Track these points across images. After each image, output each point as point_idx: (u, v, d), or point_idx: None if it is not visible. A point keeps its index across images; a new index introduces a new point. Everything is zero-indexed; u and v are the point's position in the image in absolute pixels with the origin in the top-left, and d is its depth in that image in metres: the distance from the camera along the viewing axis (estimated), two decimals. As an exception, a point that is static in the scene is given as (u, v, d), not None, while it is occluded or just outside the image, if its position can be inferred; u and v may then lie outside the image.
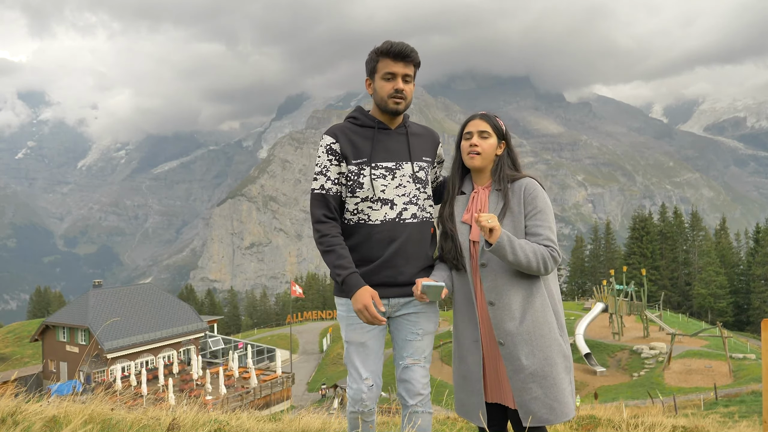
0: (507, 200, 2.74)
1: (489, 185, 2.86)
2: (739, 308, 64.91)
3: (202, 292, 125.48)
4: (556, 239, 2.70)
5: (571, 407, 2.70)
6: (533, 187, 2.75)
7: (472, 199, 2.87)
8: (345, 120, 2.88)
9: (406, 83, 2.75)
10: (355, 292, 2.61)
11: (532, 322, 2.67)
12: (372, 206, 2.74)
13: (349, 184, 2.76)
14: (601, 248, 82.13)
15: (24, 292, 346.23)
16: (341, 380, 41.47)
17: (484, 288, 2.74)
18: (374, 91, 2.78)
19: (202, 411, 3.92)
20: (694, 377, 32.96)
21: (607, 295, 45.34)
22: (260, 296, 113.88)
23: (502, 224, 2.70)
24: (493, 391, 2.82)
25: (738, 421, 11.39)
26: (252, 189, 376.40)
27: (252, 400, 33.20)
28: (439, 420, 5.96)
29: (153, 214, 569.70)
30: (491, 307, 2.72)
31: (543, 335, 2.67)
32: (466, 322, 2.84)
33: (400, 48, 2.72)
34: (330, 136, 2.77)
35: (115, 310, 40.27)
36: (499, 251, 2.57)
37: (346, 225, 2.80)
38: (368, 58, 2.77)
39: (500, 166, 2.84)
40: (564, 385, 2.69)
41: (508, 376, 2.71)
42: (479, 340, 2.78)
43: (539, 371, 2.65)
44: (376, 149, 2.77)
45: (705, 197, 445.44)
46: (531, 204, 2.72)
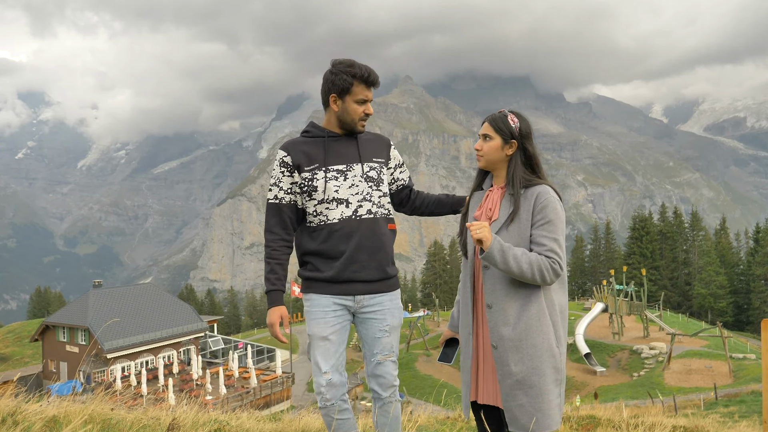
0: (517, 206, 2.71)
1: (505, 186, 2.85)
2: (739, 308, 64.92)
3: (202, 292, 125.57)
4: (563, 251, 2.67)
5: (555, 419, 2.69)
6: (546, 196, 2.70)
7: (486, 196, 2.88)
8: (300, 134, 3.06)
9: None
10: (270, 308, 2.85)
11: (525, 330, 2.66)
12: (329, 206, 2.90)
13: (305, 190, 2.92)
14: (601, 248, 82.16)
15: (24, 292, 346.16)
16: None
17: (484, 289, 2.76)
18: (342, 110, 2.93)
19: (202, 411, 3.92)
20: (694, 377, 32.96)
21: (607, 295, 45.35)
22: (260, 296, 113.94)
23: (509, 230, 2.69)
24: (488, 393, 2.83)
25: (738, 421, 11.40)
26: (252, 189, 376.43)
27: (252, 400, 33.22)
28: (439, 420, 5.96)
29: (153, 214, 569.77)
30: (489, 310, 2.73)
31: (535, 344, 2.66)
32: (466, 315, 2.89)
33: (374, 77, 2.91)
34: (283, 150, 2.96)
35: (115, 310, 40.26)
36: (489, 260, 2.60)
37: (310, 227, 2.96)
38: (338, 77, 2.88)
39: (512, 168, 2.80)
40: (550, 397, 2.68)
41: (498, 379, 2.74)
42: (472, 334, 2.84)
43: (526, 379, 2.65)
44: (328, 154, 2.93)
45: (705, 197, 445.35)
46: (540, 213, 2.68)
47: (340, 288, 2.90)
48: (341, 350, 2.93)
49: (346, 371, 3.06)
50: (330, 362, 2.88)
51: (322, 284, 2.91)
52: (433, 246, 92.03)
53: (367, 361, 3.01)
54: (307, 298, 2.98)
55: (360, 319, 2.98)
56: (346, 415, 2.92)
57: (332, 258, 2.90)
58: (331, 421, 2.90)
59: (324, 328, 2.89)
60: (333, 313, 2.91)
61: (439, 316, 61.77)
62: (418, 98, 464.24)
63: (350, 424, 2.94)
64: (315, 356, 2.91)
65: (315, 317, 2.91)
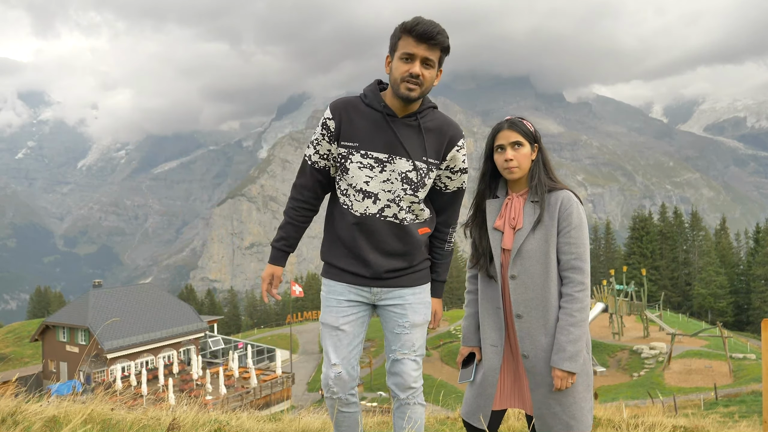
0: (542, 213, 2.66)
1: (524, 193, 2.76)
2: (739, 308, 64.90)
3: (202, 292, 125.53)
4: (587, 257, 2.66)
5: (588, 424, 2.70)
6: (569, 201, 2.66)
7: (506, 205, 2.77)
8: (359, 95, 2.68)
9: (426, 68, 2.48)
10: (268, 263, 2.80)
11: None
12: (356, 196, 2.63)
13: (338, 166, 2.67)
14: (601, 248, 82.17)
15: (24, 292, 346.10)
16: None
17: (512, 299, 2.70)
18: (390, 70, 2.54)
19: (202, 411, 3.92)
20: (694, 377, 32.93)
21: (607, 295, 45.33)
22: (260, 296, 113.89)
23: (535, 237, 2.65)
24: (505, 399, 2.82)
25: (738, 421, 11.39)
26: (252, 189, 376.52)
27: (252, 400, 33.20)
28: (439, 420, 5.96)
29: (153, 214, 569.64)
30: (518, 320, 2.69)
31: None
32: (491, 327, 2.80)
33: (425, 28, 2.42)
34: (330, 110, 2.64)
35: (115, 310, 40.26)
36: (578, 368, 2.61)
37: (336, 204, 2.74)
38: (393, 32, 2.52)
39: (536, 174, 2.72)
40: (583, 403, 2.68)
41: (530, 388, 2.71)
42: (498, 346, 2.76)
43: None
44: (372, 136, 2.58)
45: (705, 197, 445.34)
46: (566, 220, 2.64)
47: (354, 278, 2.70)
48: (355, 343, 2.73)
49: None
50: (341, 354, 2.69)
51: (338, 271, 2.73)
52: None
53: (386, 357, 2.83)
54: (324, 282, 2.81)
55: (380, 311, 2.79)
56: (352, 409, 2.78)
57: (348, 248, 2.69)
58: (334, 411, 2.78)
59: (336, 318, 2.71)
60: (347, 303, 2.72)
61: (439, 316, 61.70)
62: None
63: (353, 419, 2.81)
64: (326, 346, 2.75)
65: (329, 305, 2.75)
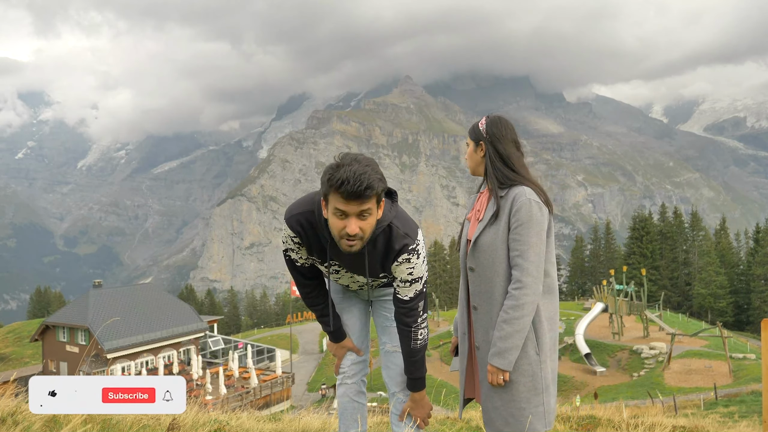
0: (497, 206, 2.71)
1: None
2: (739, 308, 64.92)
3: (202, 292, 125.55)
4: (532, 255, 2.60)
5: (531, 427, 2.67)
6: (522, 197, 2.66)
7: (478, 198, 2.94)
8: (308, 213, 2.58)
9: (362, 218, 2.35)
10: (329, 342, 2.96)
11: None
12: (332, 278, 2.83)
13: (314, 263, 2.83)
14: (601, 248, 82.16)
15: (24, 292, 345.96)
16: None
17: (470, 291, 2.78)
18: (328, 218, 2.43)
19: (202, 411, 3.92)
20: (694, 377, 32.95)
21: (607, 295, 45.36)
22: (260, 296, 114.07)
23: (489, 230, 2.71)
24: (470, 388, 2.91)
25: (738, 421, 11.40)
26: (252, 189, 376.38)
27: (252, 400, 33.22)
28: (438, 420, 5.96)
29: (153, 214, 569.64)
30: (474, 311, 2.77)
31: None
32: (460, 317, 2.93)
33: (351, 188, 2.24)
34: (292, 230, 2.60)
35: (115, 310, 40.27)
36: (507, 366, 2.61)
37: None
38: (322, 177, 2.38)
39: (488, 169, 2.81)
40: (524, 404, 2.66)
41: (479, 379, 2.79)
42: (466, 333, 2.86)
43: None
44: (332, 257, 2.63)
45: (705, 197, 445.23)
46: (514, 216, 2.66)
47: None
48: (361, 334, 2.94)
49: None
50: (354, 335, 2.92)
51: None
52: (432, 246, 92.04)
53: (380, 352, 2.97)
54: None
55: (373, 308, 2.97)
56: (360, 399, 2.92)
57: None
58: (344, 400, 2.91)
59: (341, 308, 2.93)
60: (343, 294, 2.95)
61: (439, 315, 61.77)
62: (418, 98, 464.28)
63: (355, 407, 2.91)
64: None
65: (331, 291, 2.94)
